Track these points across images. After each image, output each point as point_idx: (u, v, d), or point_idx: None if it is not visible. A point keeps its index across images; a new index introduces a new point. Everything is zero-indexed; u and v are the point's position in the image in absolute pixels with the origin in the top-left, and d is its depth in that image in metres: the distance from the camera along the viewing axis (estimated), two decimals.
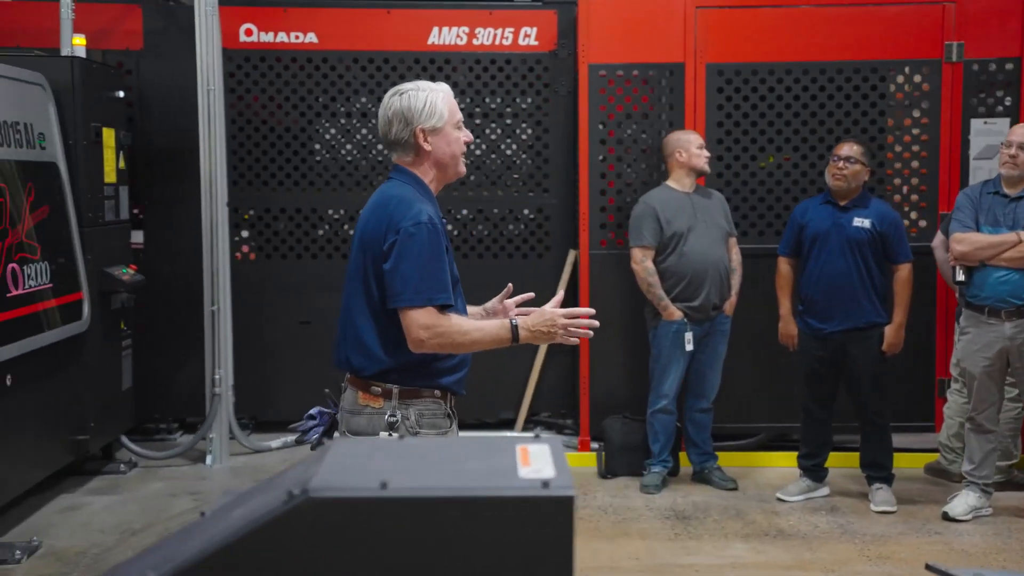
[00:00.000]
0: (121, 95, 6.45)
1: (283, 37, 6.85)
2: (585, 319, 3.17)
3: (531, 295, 3.44)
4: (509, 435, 6.83)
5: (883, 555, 5.03)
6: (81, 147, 5.83)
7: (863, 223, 5.61)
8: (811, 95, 6.45)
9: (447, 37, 6.87)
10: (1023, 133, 5.34)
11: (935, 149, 6.43)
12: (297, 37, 6.86)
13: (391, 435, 3.10)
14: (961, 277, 5.43)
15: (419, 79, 3.33)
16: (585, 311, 3.19)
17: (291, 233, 6.95)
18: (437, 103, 3.19)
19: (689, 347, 5.88)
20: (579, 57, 6.49)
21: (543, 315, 3.17)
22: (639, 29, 6.44)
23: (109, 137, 6.17)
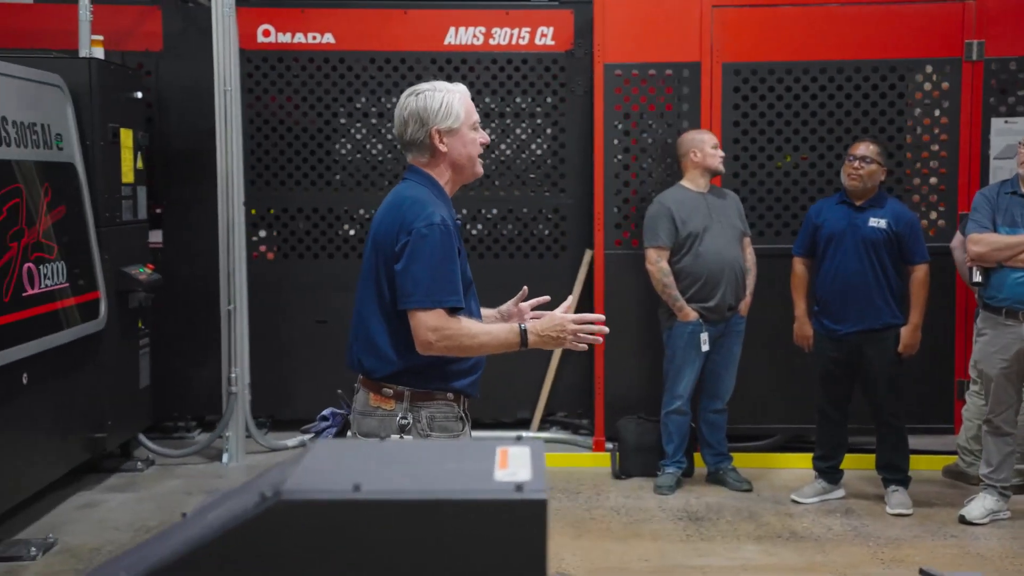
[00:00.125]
0: (139, 96, 6.49)
1: (300, 38, 6.88)
2: (595, 325, 3.12)
3: (547, 298, 3.40)
4: (526, 434, 6.83)
5: (896, 558, 4.99)
6: (98, 147, 5.88)
7: (879, 223, 5.56)
8: (828, 94, 6.40)
9: (464, 37, 6.88)
10: None
11: (955, 148, 6.37)
12: (314, 38, 6.88)
13: (402, 438, 3.07)
14: (978, 278, 5.37)
15: (436, 79, 3.30)
16: (595, 317, 3.15)
17: (308, 233, 6.98)
18: (453, 104, 3.16)
19: (705, 348, 5.85)
20: (595, 57, 6.48)
21: (553, 320, 3.12)
22: (655, 28, 6.42)
23: (127, 137, 6.21)
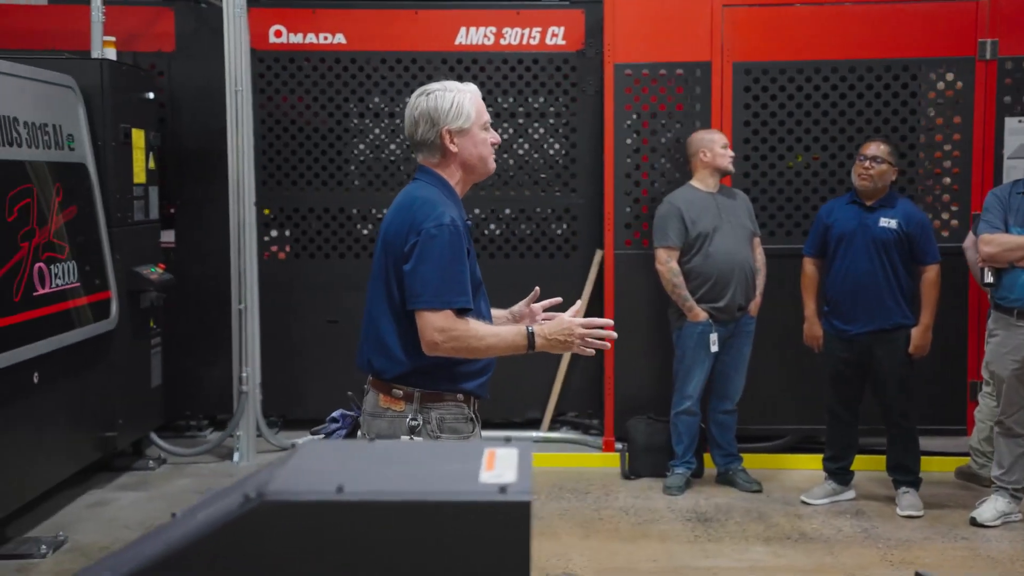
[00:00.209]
0: (151, 96, 6.52)
1: (312, 38, 6.90)
2: (603, 330, 3.08)
3: (558, 300, 3.38)
4: (536, 434, 6.83)
5: (906, 560, 4.96)
6: (110, 148, 5.91)
7: (889, 223, 5.53)
8: (840, 94, 6.37)
9: (475, 37, 6.88)
10: None
11: (968, 148, 6.33)
12: (326, 38, 6.90)
13: (412, 439, 3.05)
14: (990, 279, 5.33)
15: (447, 79, 3.28)
16: (603, 322, 3.10)
17: (319, 232, 6.99)
18: (464, 104, 3.13)
19: (714, 348, 5.83)
20: (605, 57, 6.47)
21: (560, 324, 3.08)
22: (665, 28, 6.40)
23: (139, 138, 6.24)
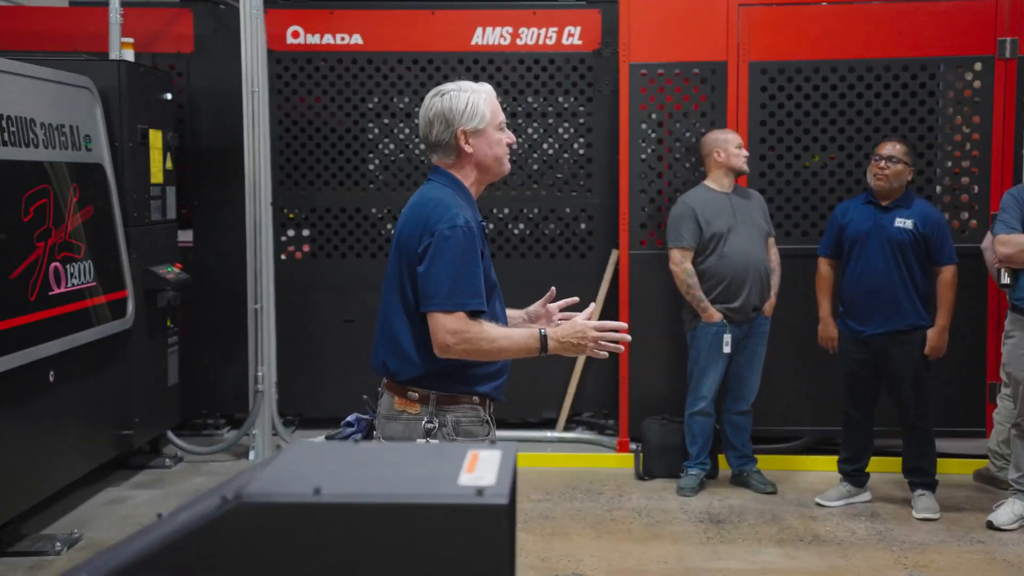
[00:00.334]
0: (168, 97, 6.56)
1: (329, 39, 6.92)
2: (617, 333, 3.04)
3: (575, 299, 3.35)
4: (551, 434, 6.83)
5: (920, 563, 4.92)
6: (127, 148, 5.95)
7: (905, 224, 5.48)
8: (857, 93, 6.33)
9: (491, 37, 6.88)
10: None
11: (987, 148, 6.27)
12: (343, 39, 6.92)
13: (428, 442, 3.02)
14: (1006, 280, 5.30)
15: (462, 79, 3.26)
16: (617, 325, 3.06)
17: (336, 232, 7.02)
18: (479, 104, 3.11)
19: (727, 349, 5.80)
20: (620, 56, 6.45)
21: (574, 326, 3.05)
22: (681, 28, 6.38)
23: (156, 139, 6.29)
